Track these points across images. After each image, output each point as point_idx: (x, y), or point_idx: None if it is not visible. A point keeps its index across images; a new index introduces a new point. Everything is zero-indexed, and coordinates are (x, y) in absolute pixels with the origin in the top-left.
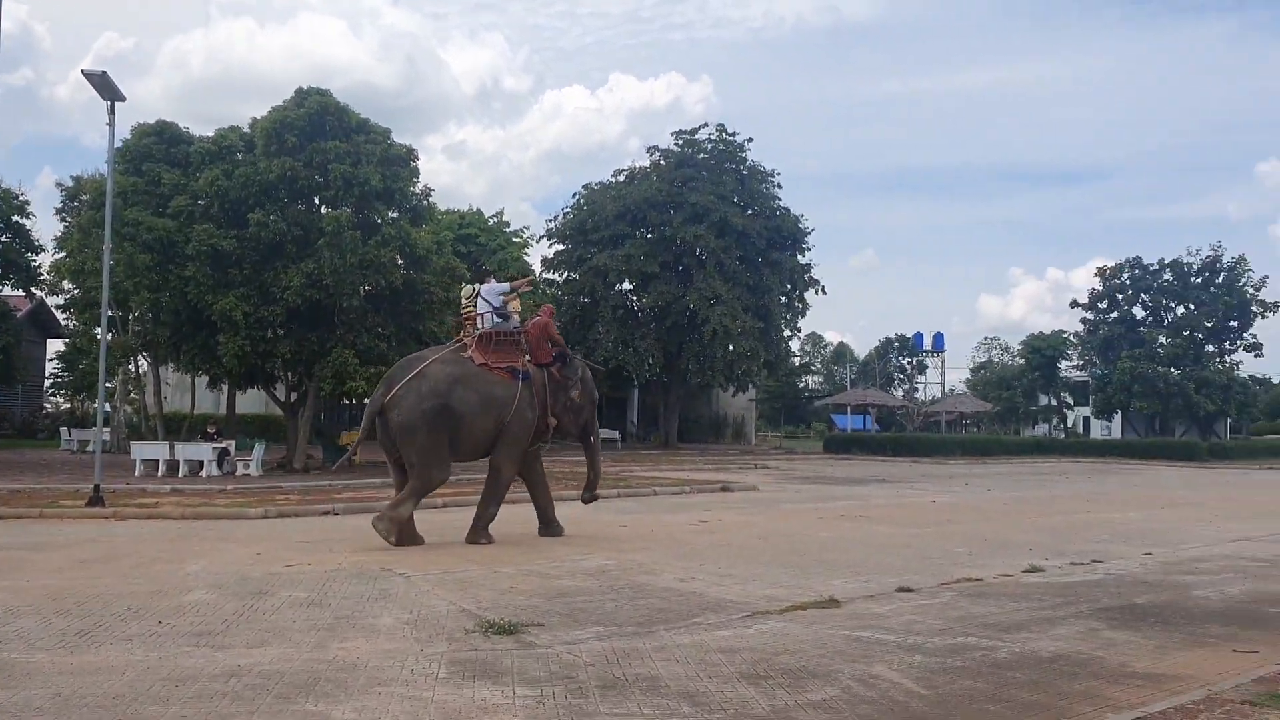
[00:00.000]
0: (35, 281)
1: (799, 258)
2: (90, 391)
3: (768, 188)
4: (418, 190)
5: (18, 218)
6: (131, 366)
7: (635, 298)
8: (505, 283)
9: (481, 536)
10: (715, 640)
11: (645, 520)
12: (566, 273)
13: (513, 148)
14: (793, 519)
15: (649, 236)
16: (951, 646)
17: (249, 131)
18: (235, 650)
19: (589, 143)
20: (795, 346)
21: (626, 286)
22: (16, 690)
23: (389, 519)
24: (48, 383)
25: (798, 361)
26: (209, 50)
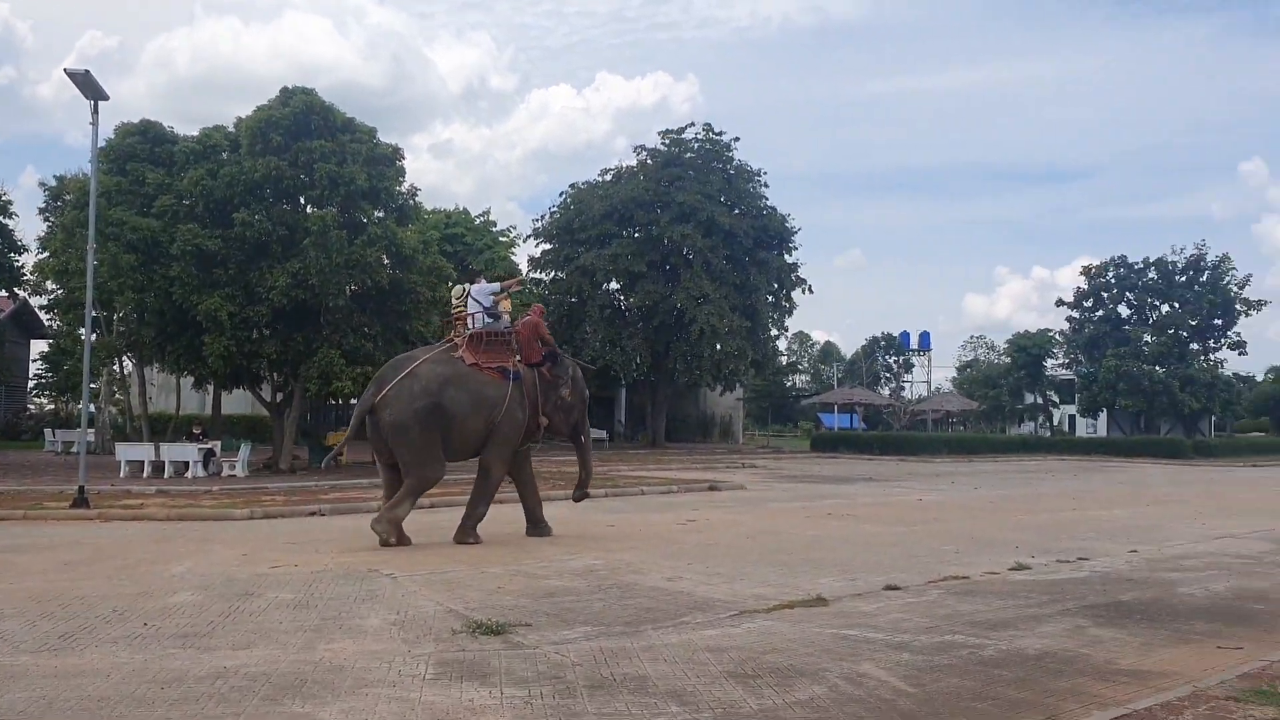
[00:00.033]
0: (19, 282)
1: (786, 257)
2: (74, 392)
3: (754, 187)
4: (404, 189)
5: (1, 218)
6: (116, 367)
7: (622, 297)
8: (495, 283)
9: (470, 536)
10: (703, 639)
11: (633, 520)
12: (553, 272)
13: (499, 147)
14: (780, 518)
15: (636, 236)
16: (938, 644)
17: (234, 131)
18: (221, 652)
19: (576, 142)
20: (782, 346)
21: (614, 286)
22: (0, 694)
23: (387, 520)
24: (32, 384)
25: (785, 361)
26: (194, 49)
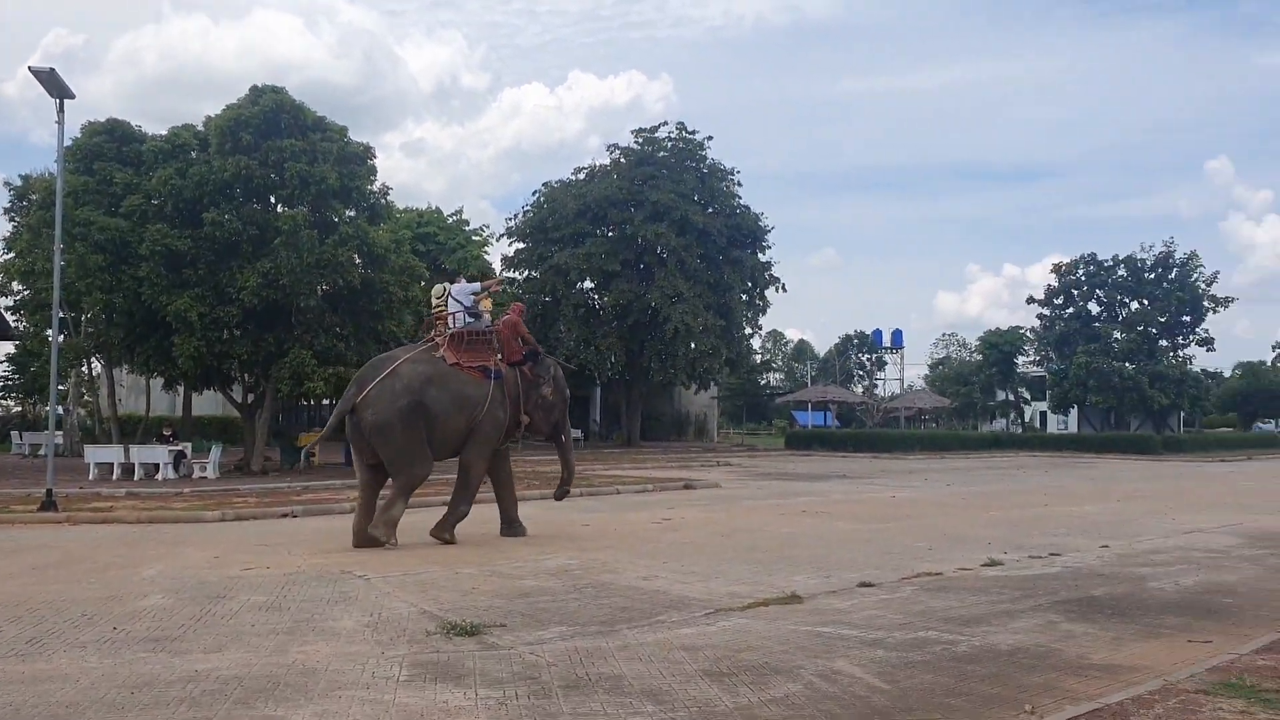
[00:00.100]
0: None
1: (759, 256)
2: (42, 394)
3: (728, 186)
4: (375, 188)
5: None
6: (85, 369)
7: (596, 296)
8: (476, 282)
9: (446, 533)
10: (678, 638)
11: (608, 519)
12: (527, 271)
13: (471, 145)
14: (755, 515)
15: (610, 235)
16: (912, 641)
17: (203, 130)
18: (193, 655)
19: (549, 140)
20: (756, 344)
21: (588, 285)
22: None
23: (383, 523)
24: None
25: (759, 359)
26: (162, 47)
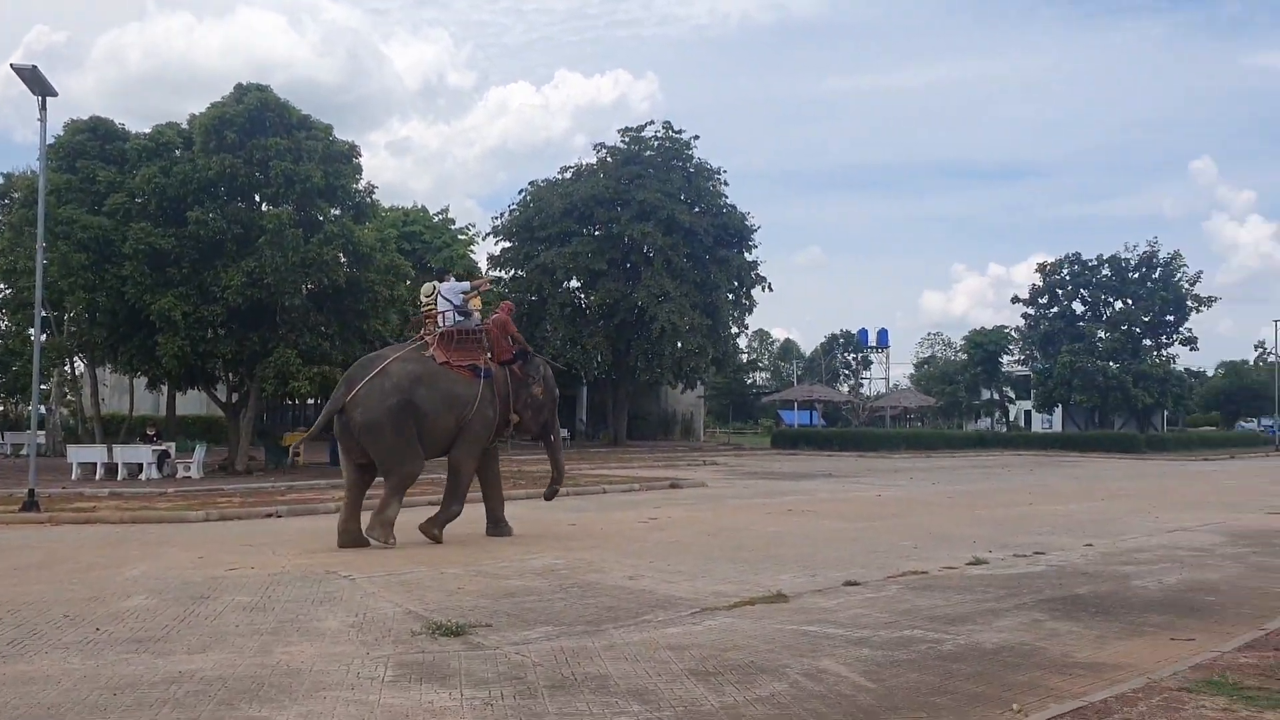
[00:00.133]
0: None
1: (746, 255)
2: (24, 394)
3: (714, 185)
4: (361, 187)
5: None
6: (67, 368)
7: (583, 295)
8: (465, 281)
9: (434, 530)
10: (664, 638)
11: (594, 518)
12: (513, 270)
13: (457, 144)
14: (741, 514)
15: (596, 234)
16: (898, 639)
17: (187, 128)
18: (176, 657)
19: (535, 139)
20: (743, 343)
21: (574, 284)
22: None
23: (379, 524)
24: None
25: (745, 358)
26: (145, 44)
